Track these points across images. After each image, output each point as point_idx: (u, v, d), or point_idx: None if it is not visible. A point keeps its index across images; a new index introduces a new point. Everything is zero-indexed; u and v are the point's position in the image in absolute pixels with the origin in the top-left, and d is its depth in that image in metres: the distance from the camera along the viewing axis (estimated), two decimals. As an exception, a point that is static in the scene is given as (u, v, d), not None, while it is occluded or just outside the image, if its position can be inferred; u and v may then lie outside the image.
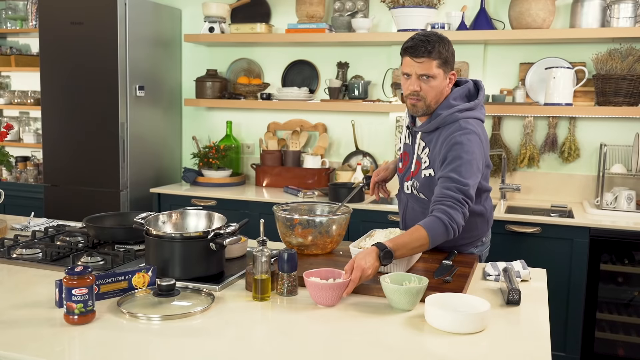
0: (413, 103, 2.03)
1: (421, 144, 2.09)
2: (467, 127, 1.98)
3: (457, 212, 1.88)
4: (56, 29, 3.83)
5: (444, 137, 1.99)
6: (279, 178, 3.91)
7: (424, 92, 2.00)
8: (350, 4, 3.88)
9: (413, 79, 2.00)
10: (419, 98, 2.01)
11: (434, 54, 1.95)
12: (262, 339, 1.49)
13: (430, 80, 1.98)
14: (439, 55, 1.96)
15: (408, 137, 2.18)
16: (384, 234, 2.03)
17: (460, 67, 3.67)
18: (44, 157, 3.99)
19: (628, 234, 2.97)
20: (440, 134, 2.02)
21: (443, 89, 2.02)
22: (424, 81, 1.99)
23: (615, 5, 3.24)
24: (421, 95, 2.01)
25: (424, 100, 2.01)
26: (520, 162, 3.62)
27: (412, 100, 2.02)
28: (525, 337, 1.51)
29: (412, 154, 2.15)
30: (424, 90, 2.00)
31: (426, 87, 1.99)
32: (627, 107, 3.26)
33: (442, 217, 1.87)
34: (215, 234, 1.83)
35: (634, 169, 3.23)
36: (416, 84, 1.99)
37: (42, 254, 2.08)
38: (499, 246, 3.11)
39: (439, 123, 2.02)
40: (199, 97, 4.08)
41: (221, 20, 3.97)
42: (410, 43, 1.98)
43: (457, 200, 1.90)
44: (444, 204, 1.89)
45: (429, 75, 1.97)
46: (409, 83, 2.01)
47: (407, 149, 2.19)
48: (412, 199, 2.20)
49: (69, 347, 1.40)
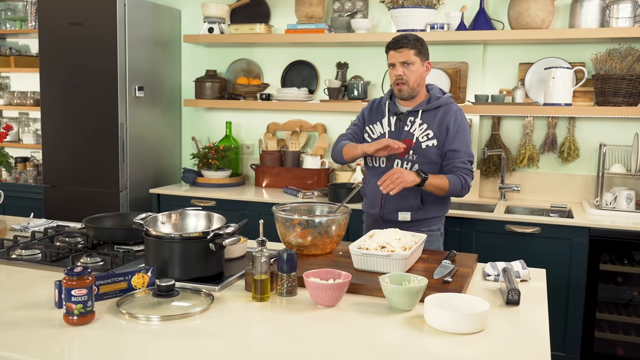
0: (399, 88, 2.52)
1: (416, 122, 2.52)
2: (460, 109, 2.57)
3: (469, 178, 2.47)
4: (55, 30, 3.83)
5: (448, 115, 2.51)
6: (278, 178, 3.91)
7: (407, 76, 2.49)
8: (349, 5, 3.88)
9: (397, 67, 2.49)
10: (403, 82, 2.50)
11: (410, 45, 2.48)
12: (262, 339, 1.49)
13: (410, 66, 2.49)
14: (414, 46, 2.49)
15: (392, 124, 2.58)
16: (387, 233, 2.03)
17: (460, 67, 3.67)
18: (44, 157, 3.99)
19: (627, 234, 2.97)
20: (442, 112, 2.52)
21: (422, 74, 2.53)
22: (406, 67, 2.49)
23: (614, 6, 3.24)
24: (405, 79, 2.49)
25: (407, 83, 2.50)
26: (520, 162, 3.62)
27: (398, 85, 2.51)
28: (525, 337, 1.51)
29: (398, 136, 2.55)
30: (406, 74, 2.49)
31: (408, 72, 2.49)
32: (627, 107, 3.26)
33: (460, 178, 2.44)
34: (214, 234, 1.83)
35: (634, 169, 3.23)
36: (400, 70, 2.49)
37: (42, 255, 2.08)
38: (498, 246, 3.11)
39: (441, 103, 2.54)
40: (199, 98, 4.08)
41: (220, 21, 3.97)
42: (391, 40, 2.52)
43: (469, 170, 2.48)
44: (461, 172, 2.46)
45: (409, 62, 2.48)
46: (395, 71, 2.50)
47: (391, 135, 2.57)
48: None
49: (68, 347, 1.40)
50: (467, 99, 3.67)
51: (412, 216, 2.55)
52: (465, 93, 3.68)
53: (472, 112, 3.51)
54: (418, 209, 2.54)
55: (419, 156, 2.51)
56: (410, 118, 2.54)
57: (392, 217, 2.57)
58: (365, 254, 1.91)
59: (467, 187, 2.47)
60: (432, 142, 2.50)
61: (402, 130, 2.55)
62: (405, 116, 2.55)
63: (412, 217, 2.55)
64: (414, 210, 2.54)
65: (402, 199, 2.52)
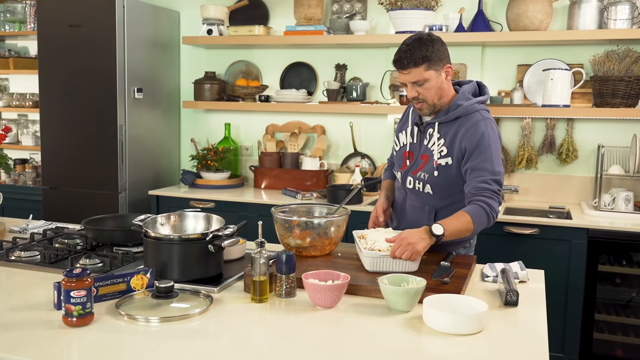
0: (419, 107, 2.15)
1: (434, 136, 2.15)
2: (488, 117, 2.11)
3: (495, 202, 2.02)
4: (54, 32, 3.83)
5: (467, 126, 2.08)
6: (277, 180, 3.91)
7: (423, 95, 2.11)
8: (348, 6, 3.89)
9: (409, 88, 2.12)
10: (420, 101, 2.13)
11: (418, 61, 2.05)
12: (261, 340, 1.49)
13: (424, 84, 2.09)
14: (423, 60, 2.05)
15: (415, 135, 2.23)
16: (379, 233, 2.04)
17: (459, 68, 3.67)
18: (43, 159, 3.99)
19: (626, 235, 2.97)
20: (460, 123, 2.11)
21: (441, 85, 2.11)
22: (419, 86, 2.10)
23: (612, 7, 3.25)
24: (421, 99, 2.12)
25: (425, 101, 2.12)
26: (519, 164, 3.63)
27: (416, 104, 2.15)
28: (523, 338, 1.51)
29: (418, 149, 2.21)
30: (422, 94, 2.11)
31: (423, 91, 2.10)
32: (625, 109, 3.27)
33: (483, 206, 1.99)
34: (213, 235, 1.83)
35: (632, 170, 3.24)
36: (413, 91, 2.11)
37: (41, 257, 2.08)
38: (497, 247, 3.12)
39: (461, 113, 2.10)
40: (198, 100, 4.08)
41: (219, 23, 3.97)
42: (395, 57, 2.10)
43: (493, 192, 2.03)
44: (483, 195, 2.01)
45: (421, 81, 2.08)
46: (408, 91, 2.13)
47: (412, 147, 2.23)
48: (413, 193, 2.24)
49: (67, 349, 1.40)
50: (466, 101, 3.67)
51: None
52: (464, 94, 3.68)
53: (471, 113, 3.51)
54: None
55: (430, 176, 2.15)
56: (429, 130, 2.17)
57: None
58: (383, 256, 1.88)
59: (493, 215, 2.02)
60: (447, 160, 2.11)
61: (422, 143, 2.20)
62: (425, 127, 2.19)
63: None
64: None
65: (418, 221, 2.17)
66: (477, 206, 1.99)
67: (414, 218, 2.23)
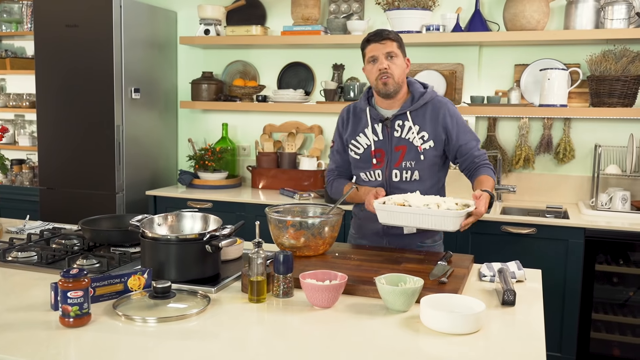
0: (385, 82, 2.24)
1: (407, 126, 2.28)
2: (448, 100, 2.35)
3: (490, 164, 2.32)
4: (51, 32, 3.83)
5: (438, 109, 2.29)
6: (274, 180, 3.91)
7: (392, 69, 2.24)
8: (345, 6, 3.89)
9: (381, 59, 2.23)
10: (388, 75, 2.23)
11: (393, 36, 2.27)
12: (258, 340, 1.49)
13: (394, 59, 2.25)
14: (396, 39, 2.28)
15: (379, 132, 2.32)
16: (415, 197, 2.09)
17: (456, 68, 3.68)
18: (40, 159, 3.98)
19: (623, 235, 2.98)
20: (430, 108, 2.29)
21: (404, 69, 2.29)
22: (390, 60, 2.24)
23: (609, 7, 3.25)
24: (390, 73, 2.23)
25: (392, 77, 2.24)
26: (516, 163, 3.63)
27: (383, 79, 2.24)
28: (521, 337, 1.52)
29: (389, 144, 2.31)
30: (391, 67, 2.24)
31: (392, 65, 2.24)
32: (622, 108, 3.27)
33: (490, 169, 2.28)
34: (210, 236, 1.83)
35: (629, 170, 3.24)
36: (385, 62, 2.23)
37: (38, 257, 2.08)
38: (494, 247, 3.12)
39: (428, 99, 2.29)
40: (195, 100, 4.08)
41: (216, 23, 3.97)
42: (371, 33, 2.29)
43: (485, 154, 2.32)
44: (483, 160, 2.29)
45: (393, 54, 2.24)
46: (378, 64, 2.24)
47: (379, 145, 2.32)
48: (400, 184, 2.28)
49: (64, 349, 1.40)
50: (463, 101, 3.68)
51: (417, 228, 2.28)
52: (461, 94, 3.69)
53: (468, 113, 3.52)
54: None
55: (417, 162, 2.27)
56: (398, 122, 2.28)
57: (397, 230, 2.31)
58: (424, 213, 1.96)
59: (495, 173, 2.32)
60: (429, 144, 2.26)
61: (392, 137, 2.29)
62: (392, 121, 2.29)
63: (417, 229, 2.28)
64: None
65: None
66: (489, 169, 2.27)
67: None
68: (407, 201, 2.04)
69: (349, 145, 2.37)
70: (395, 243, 2.34)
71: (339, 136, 2.43)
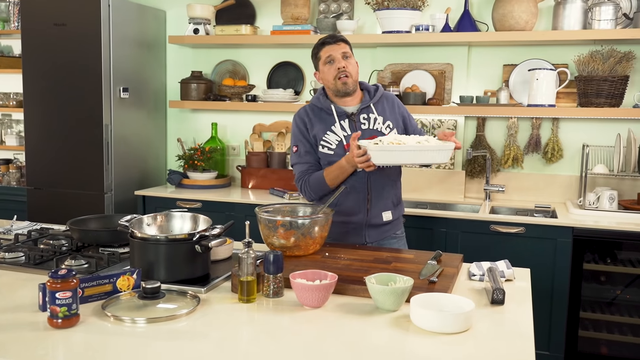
0: (344, 81, 2.37)
1: (372, 117, 2.43)
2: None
3: None
4: (39, 31, 3.80)
5: (392, 101, 2.50)
6: (264, 180, 3.90)
7: (349, 69, 2.37)
8: (335, 6, 3.89)
9: (338, 59, 2.36)
10: (347, 74, 2.36)
11: (344, 39, 2.42)
12: (248, 340, 1.49)
13: (349, 59, 2.38)
14: (347, 42, 2.42)
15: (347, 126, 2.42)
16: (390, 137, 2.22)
17: (445, 68, 3.69)
18: (27, 159, 3.95)
19: (610, 234, 3.00)
20: (384, 100, 2.48)
21: (357, 70, 2.43)
22: (346, 60, 2.37)
23: (596, 8, 3.28)
24: (348, 72, 2.36)
25: (350, 76, 2.37)
26: (504, 163, 3.65)
27: (342, 78, 2.37)
28: (510, 336, 1.52)
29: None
30: (348, 67, 2.36)
31: (349, 65, 2.37)
32: (609, 108, 3.30)
33: None
34: (200, 236, 1.82)
35: (616, 169, 3.27)
36: (342, 62, 2.36)
37: (25, 258, 2.06)
38: (483, 246, 3.14)
39: (381, 92, 2.49)
40: (184, 99, 4.06)
41: (206, 22, 3.95)
42: (325, 37, 2.42)
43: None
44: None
45: (348, 54, 2.38)
46: (336, 64, 2.36)
47: (348, 139, 2.39)
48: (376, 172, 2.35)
49: (52, 351, 1.39)
50: (452, 100, 3.69)
51: (393, 214, 2.46)
52: (450, 94, 3.70)
53: (457, 113, 3.53)
54: (395, 205, 2.47)
55: None
56: (363, 115, 2.41)
57: (377, 220, 2.42)
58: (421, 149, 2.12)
59: None
60: (395, 131, 2.43)
61: (360, 129, 2.40)
62: (357, 115, 2.41)
63: (393, 215, 2.46)
64: (394, 207, 2.46)
65: (387, 196, 2.43)
66: None
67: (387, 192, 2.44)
68: (401, 140, 2.17)
69: (320, 144, 2.41)
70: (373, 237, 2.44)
71: (304, 137, 2.44)
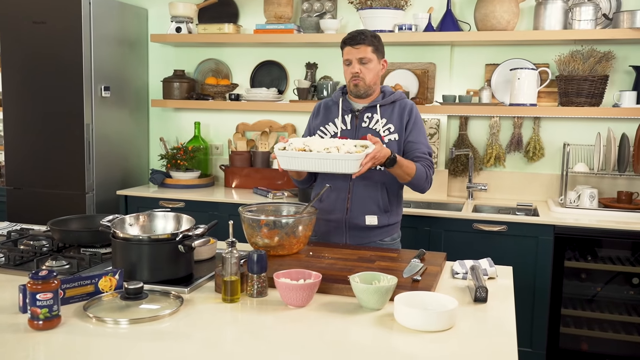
0: (356, 83, 2.40)
1: (374, 118, 2.42)
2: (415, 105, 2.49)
3: (431, 171, 2.41)
4: (17, 28, 3.74)
5: (404, 107, 2.44)
6: (248, 179, 3.89)
7: (363, 73, 2.38)
8: (318, 5, 3.89)
9: (354, 64, 2.38)
10: (359, 79, 2.38)
11: (368, 41, 2.37)
12: (232, 340, 1.49)
13: (367, 64, 2.38)
14: (371, 43, 2.38)
15: (348, 122, 2.45)
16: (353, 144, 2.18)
17: (428, 68, 3.71)
18: (6, 159, 3.90)
19: (591, 231, 3.04)
20: (397, 105, 2.45)
21: (378, 72, 2.43)
22: (363, 65, 2.37)
23: (576, 8, 3.32)
24: (361, 77, 2.38)
25: (363, 80, 2.39)
26: (487, 162, 3.68)
27: (354, 81, 2.39)
28: (493, 333, 1.54)
29: (355, 133, 2.44)
30: (363, 72, 2.38)
31: (364, 70, 2.38)
32: (589, 108, 3.34)
33: (425, 169, 2.36)
34: (183, 235, 1.81)
35: (596, 168, 3.31)
36: (357, 67, 2.37)
37: (5, 259, 2.03)
38: (466, 244, 3.16)
39: (396, 97, 2.46)
40: (166, 98, 4.04)
41: (188, 20, 3.93)
42: (348, 35, 2.41)
43: (430, 162, 2.42)
44: (423, 161, 2.38)
45: (366, 60, 2.37)
46: (351, 68, 2.39)
47: (345, 134, 2.44)
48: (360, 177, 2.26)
49: (33, 352, 1.38)
50: (435, 100, 3.71)
51: (380, 220, 2.40)
52: (433, 94, 3.72)
53: (440, 112, 3.55)
54: (384, 211, 2.41)
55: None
56: (367, 114, 2.42)
57: (358, 221, 2.39)
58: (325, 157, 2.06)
59: (430, 180, 2.39)
60: (394, 136, 2.40)
61: (360, 127, 2.42)
62: (361, 113, 2.43)
63: (380, 221, 2.40)
64: (381, 213, 2.40)
65: (371, 200, 2.39)
66: (421, 165, 2.35)
67: (369, 195, 2.40)
68: (308, 146, 2.13)
69: (317, 133, 2.48)
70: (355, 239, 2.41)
71: (308, 127, 2.57)
